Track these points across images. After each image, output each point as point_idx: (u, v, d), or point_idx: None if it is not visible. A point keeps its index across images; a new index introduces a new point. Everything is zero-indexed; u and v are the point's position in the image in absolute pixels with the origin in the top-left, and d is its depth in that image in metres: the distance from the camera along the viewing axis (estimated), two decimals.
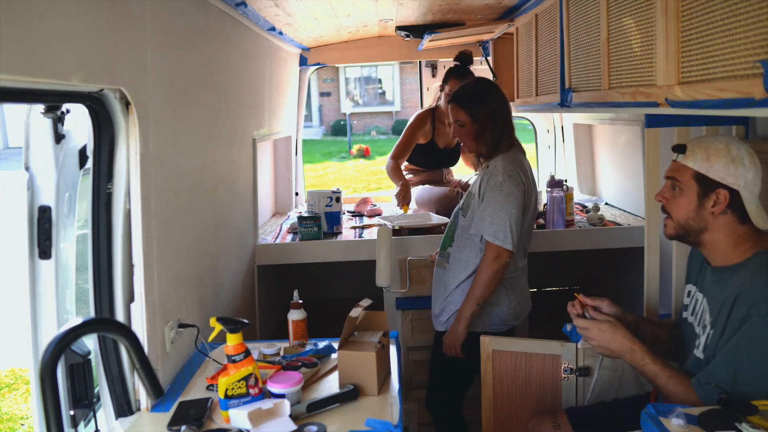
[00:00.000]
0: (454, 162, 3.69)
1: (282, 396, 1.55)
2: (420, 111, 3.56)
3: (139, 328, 1.56)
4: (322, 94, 21.09)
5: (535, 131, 4.35)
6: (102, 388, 1.55)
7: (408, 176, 3.47)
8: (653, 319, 2.01)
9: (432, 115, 3.49)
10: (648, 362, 1.56)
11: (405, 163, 3.54)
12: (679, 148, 1.55)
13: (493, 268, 2.17)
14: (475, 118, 2.26)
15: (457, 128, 2.33)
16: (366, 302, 1.77)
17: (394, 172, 3.35)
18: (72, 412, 1.47)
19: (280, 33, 3.07)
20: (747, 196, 1.46)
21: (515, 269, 2.31)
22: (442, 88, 3.41)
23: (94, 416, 1.51)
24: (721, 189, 1.47)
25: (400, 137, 3.49)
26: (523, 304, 2.38)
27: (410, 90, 19.82)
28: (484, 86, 2.35)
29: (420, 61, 4.02)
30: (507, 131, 2.29)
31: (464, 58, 3.34)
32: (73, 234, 1.52)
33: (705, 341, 1.54)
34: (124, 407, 1.56)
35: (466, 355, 2.23)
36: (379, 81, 21.63)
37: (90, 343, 1.55)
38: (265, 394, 1.56)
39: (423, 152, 3.51)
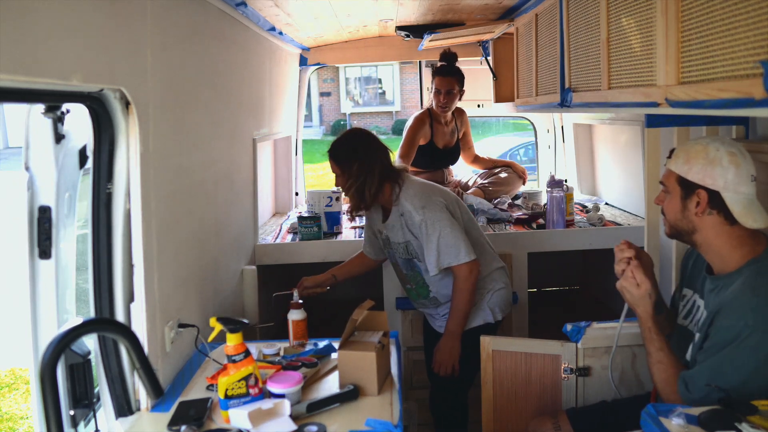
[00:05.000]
0: (454, 161, 3.69)
1: (282, 396, 1.54)
2: (417, 113, 3.56)
3: (139, 328, 1.56)
4: (322, 94, 21.06)
5: (535, 131, 4.34)
6: (102, 388, 1.55)
7: None
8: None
9: (429, 116, 3.50)
10: (653, 335, 1.59)
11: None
12: (670, 153, 1.59)
13: (469, 282, 2.24)
14: (345, 171, 2.26)
15: (336, 179, 2.34)
16: (368, 304, 1.78)
17: None
18: (72, 412, 1.47)
19: (280, 33, 3.07)
20: (730, 197, 1.46)
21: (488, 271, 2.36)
22: (429, 89, 3.42)
23: (94, 416, 1.51)
24: (700, 190, 1.49)
25: (403, 139, 3.49)
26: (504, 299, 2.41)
27: (410, 90, 19.78)
28: (356, 139, 2.30)
29: (420, 61, 4.02)
30: (388, 177, 2.28)
31: (448, 57, 3.35)
32: (73, 234, 1.51)
33: (691, 347, 1.58)
34: (124, 407, 1.56)
35: (464, 351, 2.28)
36: (379, 81, 21.59)
37: (90, 343, 1.55)
38: (265, 394, 1.56)
39: (423, 153, 3.51)
